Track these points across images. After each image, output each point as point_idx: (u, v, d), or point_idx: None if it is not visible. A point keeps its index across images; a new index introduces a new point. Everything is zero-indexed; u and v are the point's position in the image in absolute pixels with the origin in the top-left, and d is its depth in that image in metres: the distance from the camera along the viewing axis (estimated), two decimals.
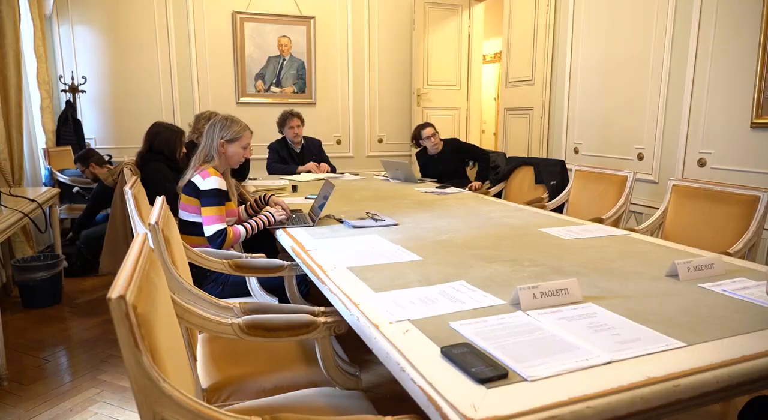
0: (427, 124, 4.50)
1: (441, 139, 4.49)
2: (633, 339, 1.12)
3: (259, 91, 5.79)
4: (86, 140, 5.20)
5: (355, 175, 4.51)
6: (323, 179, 3.24)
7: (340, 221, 2.38)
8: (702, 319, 1.24)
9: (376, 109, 6.21)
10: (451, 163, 4.48)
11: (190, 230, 2.36)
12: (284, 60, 5.83)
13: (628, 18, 4.08)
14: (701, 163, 3.56)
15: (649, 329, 1.17)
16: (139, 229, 1.86)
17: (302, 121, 4.42)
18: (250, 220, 2.36)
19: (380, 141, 6.28)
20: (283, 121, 4.38)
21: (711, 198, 2.59)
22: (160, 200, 1.76)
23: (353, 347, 1.57)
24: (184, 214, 2.40)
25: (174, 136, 3.31)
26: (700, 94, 3.55)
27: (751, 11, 3.19)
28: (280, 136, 4.54)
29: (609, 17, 4.26)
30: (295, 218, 2.44)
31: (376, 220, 2.37)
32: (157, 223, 1.50)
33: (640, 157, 4.02)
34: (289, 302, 2.08)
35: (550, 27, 4.85)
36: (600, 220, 2.75)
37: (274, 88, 5.84)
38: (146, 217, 1.74)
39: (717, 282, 1.51)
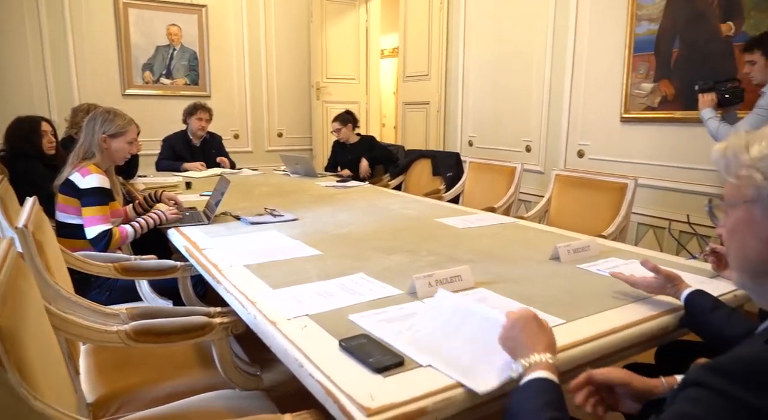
0: (334, 119, 4.58)
1: (358, 134, 4.63)
2: None
3: (147, 83, 5.43)
4: None
5: (253, 170, 4.39)
6: (219, 175, 3.13)
7: (237, 218, 2.31)
8: (579, 297, 1.35)
9: (275, 102, 6.07)
10: (359, 156, 4.54)
11: (70, 233, 2.18)
12: (174, 50, 5.51)
13: (514, 18, 4.32)
14: (580, 154, 3.86)
15: (533, 309, 1.25)
16: (7, 234, 1.68)
17: (211, 116, 4.28)
18: (139, 219, 2.22)
19: (280, 135, 6.16)
20: (191, 111, 4.21)
21: (588, 186, 2.83)
22: (30, 201, 1.60)
23: (256, 346, 1.53)
24: (62, 216, 2.21)
25: (30, 126, 3.04)
26: (578, 91, 3.85)
27: (618, 17, 3.51)
28: (177, 130, 4.32)
29: (497, 16, 4.48)
30: (189, 216, 2.34)
31: (274, 215, 2.33)
32: (26, 226, 1.37)
33: (528, 149, 4.29)
34: (184, 305, 1.99)
35: (444, 24, 5.01)
36: (492, 209, 2.90)
37: (164, 80, 5.51)
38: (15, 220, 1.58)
39: (593, 262, 1.65)
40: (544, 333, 0.93)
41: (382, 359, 0.97)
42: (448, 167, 4.16)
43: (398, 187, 4.39)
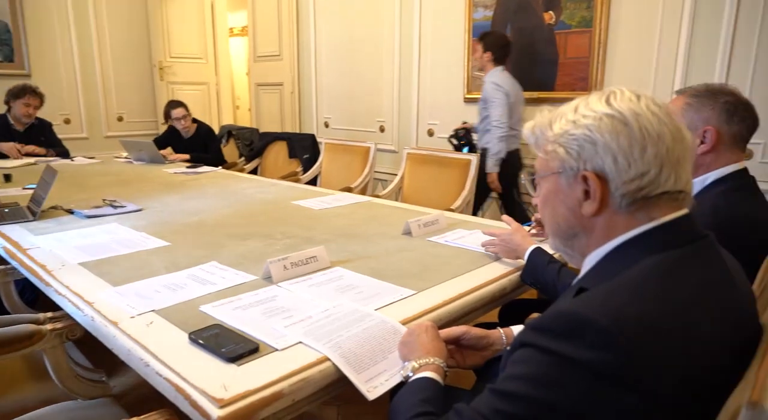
0: (178, 104, 4.08)
1: (195, 122, 4.17)
2: (374, 294, 1.23)
3: None
4: None
5: (89, 158, 3.97)
6: (32, 163, 2.77)
7: (71, 212, 2.08)
8: (429, 268, 1.43)
9: (111, 83, 5.50)
10: (199, 149, 4.17)
11: None
12: None
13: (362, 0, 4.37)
14: (430, 133, 4.07)
15: (387, 283, 1.30)
16: None
17: (42, 103, 3.78)
18: None
19: (120, 119, 5.61)
20: (18, 94, 3.66)
21: (437, 163, 2.99)
22: None
23: (103, 351, 1.40)
24: None
25: None
26: (426, 73, 4.03)
27: (458, 3, 3.71)
28: None
29: None
30: (8, 213, 2.05)
31: (115, 207, 2.13)
32: None
33: (382, 129, 4.41)
34: (9, 314, 1.75)
35: (293, 3, 4.91)
36: (349, 189, 2.94)
37: None
38: None
39: (441, 235, 1.75)
40: (438, 341, 0.99)
41: (235, 348, 0.94)
42: (304, 149, 4.13)
43: (254, 171, 4.26)
